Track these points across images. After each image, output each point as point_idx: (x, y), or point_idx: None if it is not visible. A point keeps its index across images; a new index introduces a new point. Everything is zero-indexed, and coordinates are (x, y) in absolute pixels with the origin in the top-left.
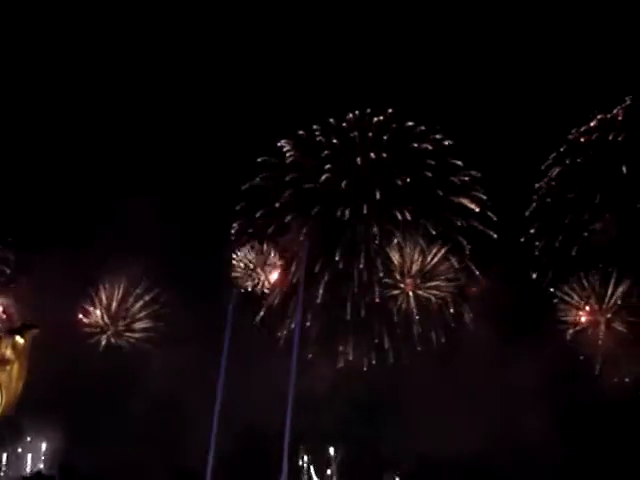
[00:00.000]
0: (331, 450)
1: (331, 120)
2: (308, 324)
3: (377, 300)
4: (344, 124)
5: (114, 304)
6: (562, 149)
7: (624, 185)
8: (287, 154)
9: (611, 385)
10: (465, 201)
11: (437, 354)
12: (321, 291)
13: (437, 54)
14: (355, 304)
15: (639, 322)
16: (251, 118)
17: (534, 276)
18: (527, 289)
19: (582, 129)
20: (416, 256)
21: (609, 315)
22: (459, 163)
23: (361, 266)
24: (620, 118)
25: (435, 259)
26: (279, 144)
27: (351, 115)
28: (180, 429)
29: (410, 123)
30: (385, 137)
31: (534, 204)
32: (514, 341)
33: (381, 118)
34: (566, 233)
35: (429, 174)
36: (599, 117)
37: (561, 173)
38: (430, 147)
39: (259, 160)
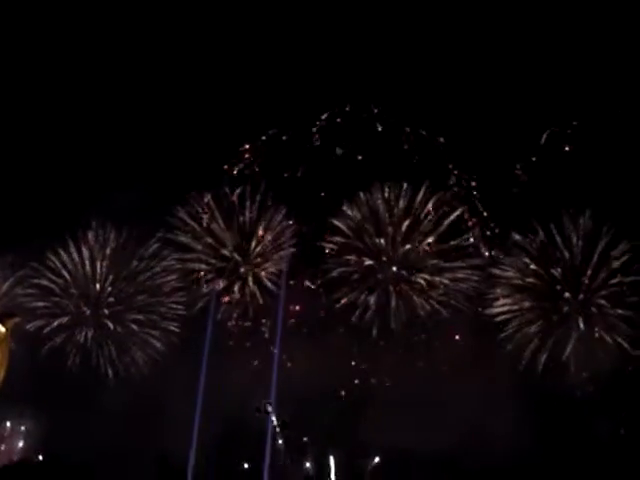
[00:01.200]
0: (306, 440)
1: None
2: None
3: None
4: (318, 123)
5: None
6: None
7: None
8: (253, 159)
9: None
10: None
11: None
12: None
13: (419, 54)
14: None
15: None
16: (215, 122)
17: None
18: None
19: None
20: (399, 240)
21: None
22: (454, 170)
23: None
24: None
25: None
26: (243, 149)
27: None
28: (164, 419)
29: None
30: (367, 136)
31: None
32: (488, 338)
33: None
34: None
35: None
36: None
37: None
38: (417, 148)
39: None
